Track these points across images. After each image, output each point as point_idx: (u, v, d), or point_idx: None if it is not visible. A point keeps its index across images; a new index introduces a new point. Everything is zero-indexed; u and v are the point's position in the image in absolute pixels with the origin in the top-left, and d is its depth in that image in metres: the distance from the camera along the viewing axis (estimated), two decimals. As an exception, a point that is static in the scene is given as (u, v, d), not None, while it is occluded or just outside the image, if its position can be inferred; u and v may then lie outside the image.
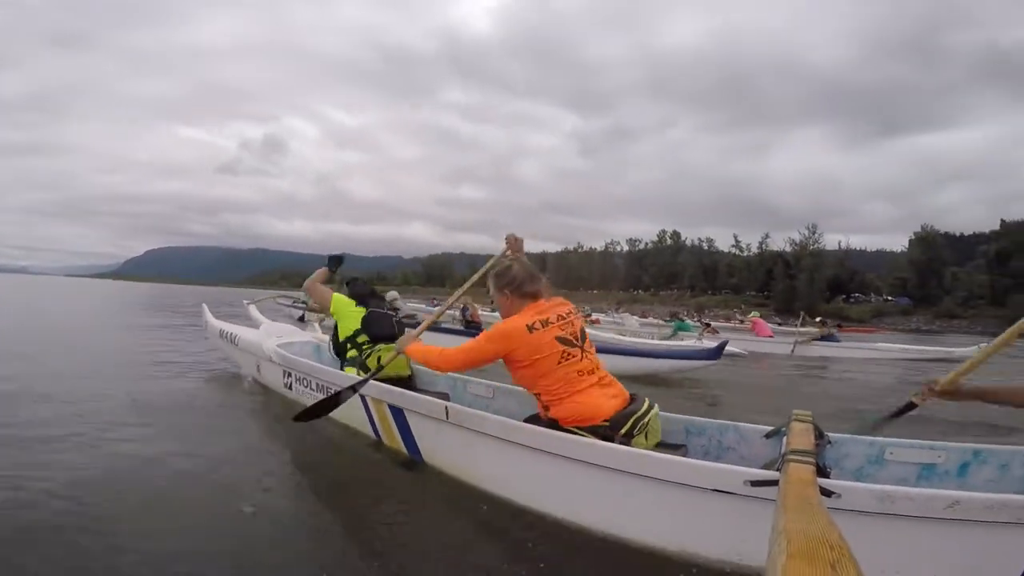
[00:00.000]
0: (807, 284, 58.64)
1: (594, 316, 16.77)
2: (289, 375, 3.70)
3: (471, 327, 9.42)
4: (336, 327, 3.40)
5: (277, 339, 4.17)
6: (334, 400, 2.71)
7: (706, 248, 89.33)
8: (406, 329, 3.21)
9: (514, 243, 2.72)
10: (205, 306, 5.66)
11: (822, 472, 1.61)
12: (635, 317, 16.80)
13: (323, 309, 3.64)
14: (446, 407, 2.43)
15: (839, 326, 13.49)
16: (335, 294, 3.46)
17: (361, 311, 3.35)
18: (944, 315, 48.49)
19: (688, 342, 9.24)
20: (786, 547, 0.84)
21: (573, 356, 2.17)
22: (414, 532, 2.00)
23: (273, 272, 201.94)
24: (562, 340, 2.16)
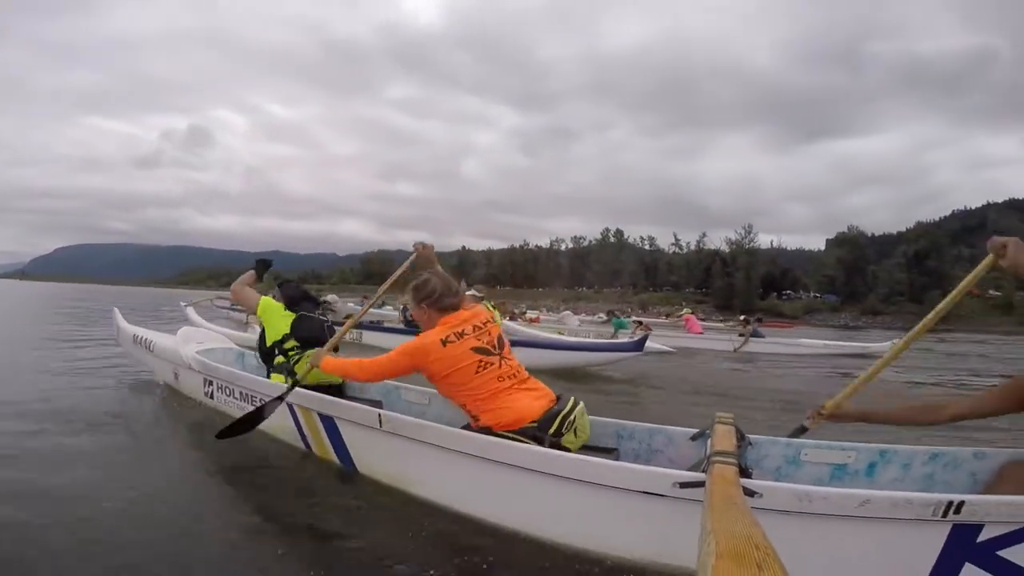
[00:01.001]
0: (744, 281, 61.71)
1: (533, 315, 17.07)
2: (210, 383, 3.49)
3: (412, 326, 9.10)
4: (263, 332, 3.26)
5: (197, 345, 3.95)
6: (259, 413, 2.59)
7: (648, 247, 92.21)
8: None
9: (423, 251, 2.74)
10: (117, 310, 5.23)
11: (744, 473, 1.68)
12: (575, 316, 17.23)
13: (250, 313, 3.52)
14: (379, 415, 2.37)
15: (759, 320, 14.22)
16: (263, 298, 3.32)
17: (290, 316, 3.23)
18: (869, 311, 52.61)
19: (623, 339, 9.62)
20: (715, 548, 0.86)
21: (491, 364, 2.20)
22: (349, 543, 1.94)
23: (199, 271, 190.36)
24: (478, 350, 2.20)
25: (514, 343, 9.26)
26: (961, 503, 1.48)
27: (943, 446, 2.13)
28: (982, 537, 1.50)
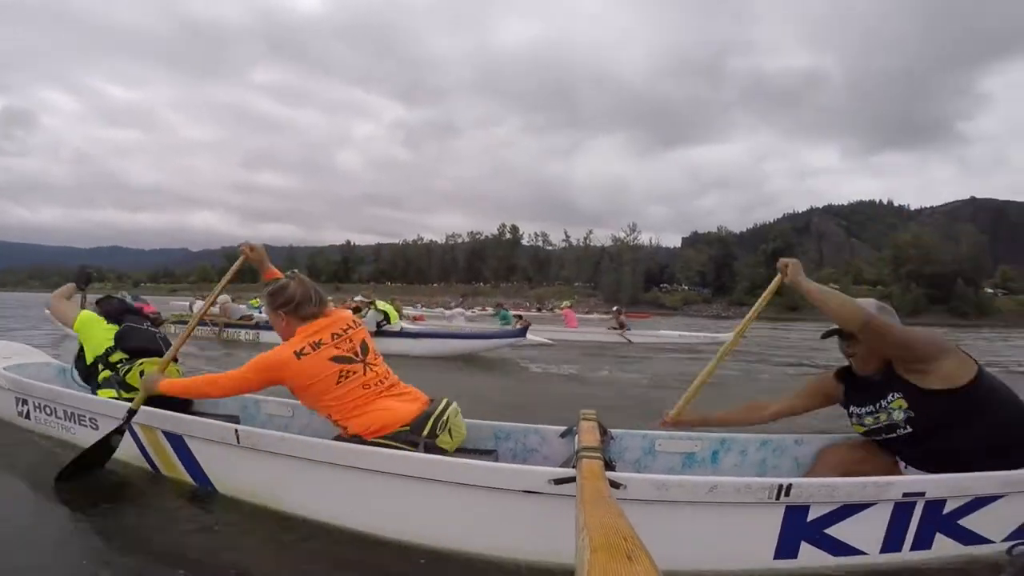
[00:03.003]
0: (630, 276, 66.37)
1: (416, 313, 17.30)
2: (24, 403, 2.98)
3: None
4: (81, 350, 2.90)
5: (4, 360, 3.38)
6: (104, 446, 2.30)
7: (541, 243, 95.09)
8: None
9: (251, 254, 2.60)
10: None
11: (609, 466, 1.74)
12: (465, 311, 17.65)
13: (66, 326, 3.15)
14: (236, 431, 2.15)
15: (619, 310, 15.44)
16: (83, 311, 2.99)
17: (114, 328, 2.89)
18: (736, 303, 59.33)
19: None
20: (588, 542, 0.88)
21: (354, 372, 2.10)
22: (217, 570, 1.76)
23: (18, 270, 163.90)
24: (339, 359, 2.09)
25: (416, 335, 9.26)
26: (790, 486, 1.64)
27: (771, 434, 2.38)
28: (811, 516, 1.68)
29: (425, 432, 2.01)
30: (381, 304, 9.30)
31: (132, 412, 2.35)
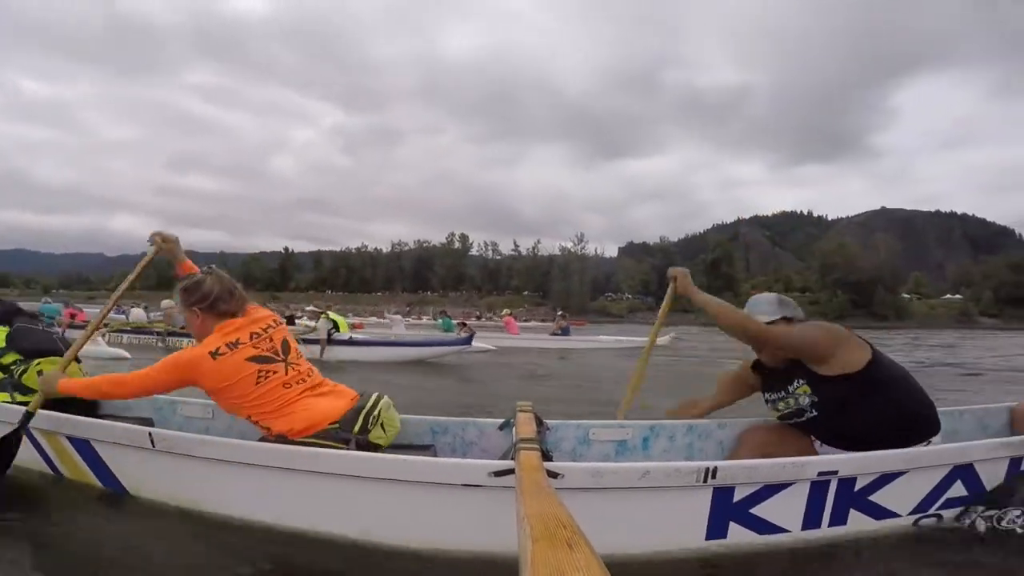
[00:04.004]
0: (578, 285, 67.73)
1: (356, 321, 17.18)
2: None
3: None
4: None
5: None
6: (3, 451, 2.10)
7: (491, 253, 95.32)
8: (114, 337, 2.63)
9: (163, 245, 2.47)
10: None
11: (547, 456, 1.74)
12: (403, 319, 17.80)
13: None
14: (150, 434, 2.03)
15: (562, 316, 15.92)
16: None
17: (4, 329, 2.71)
18: (679, 310, 61.70)
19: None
20: (529, 532, 0.89)
21: (274, 372, 2.02)
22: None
23: None
24: (257, 359, 2.01)
25: (365, 344, 9.45)
26: (716, 468, 1.71)
27: (697, 420, 2.48)
28: (736, 497, 1.76)
29: (356, 428, 1.96)
30: (332, 314, 9.74)
31: (29, 415, 2.16)
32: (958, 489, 1.94)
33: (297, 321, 12.69)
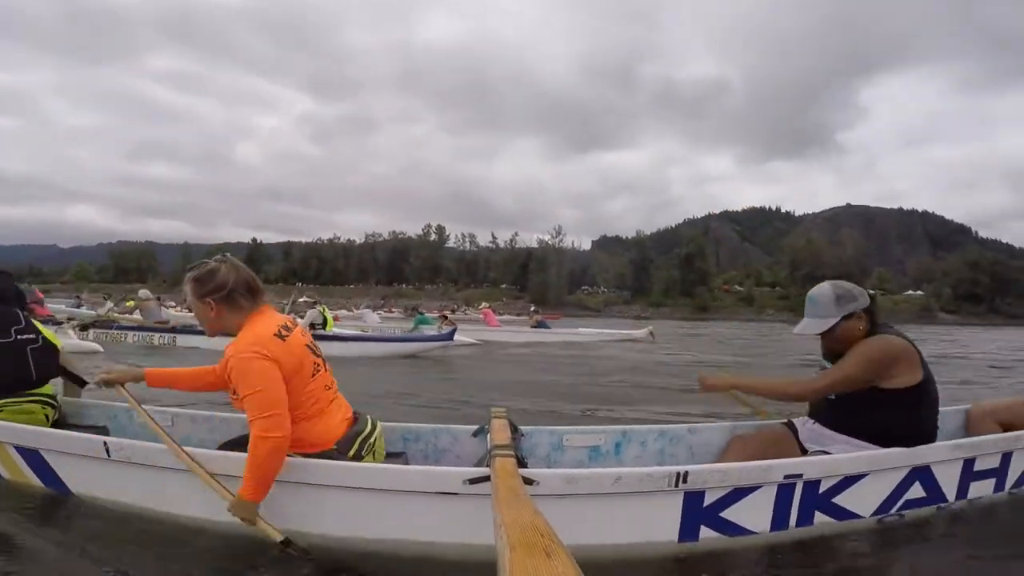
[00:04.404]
0: (556, 278, 68.14)
1: (332, 314, 16.76)
2: None
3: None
4: None
5: None
6: None
7: (468, 245, 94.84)
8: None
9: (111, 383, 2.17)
10: None
11: (522, 463, 1.77)
12: (375, 313, 17.80)
13: None
14: (105, 443, 1.96)
15: (535, 311, 16.11)
16: None
17: None
18: (654, 304, 62.63)
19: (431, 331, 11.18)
20: (507, 540, 0.90)
21: (321, 368, 1.95)
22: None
23: None
24: (310, 348, 1.92)
25: (350, 339, 9.46)
26: (687, 473, 1.74)
27: (667, 425, 2.53)
28: (707, 501, 1.79)
29: (351, 453, 1.90)
30: (323, 308, 9.99)
31: None
32: (917, 491, 2.01)
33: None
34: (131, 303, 12.41)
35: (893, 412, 1.99)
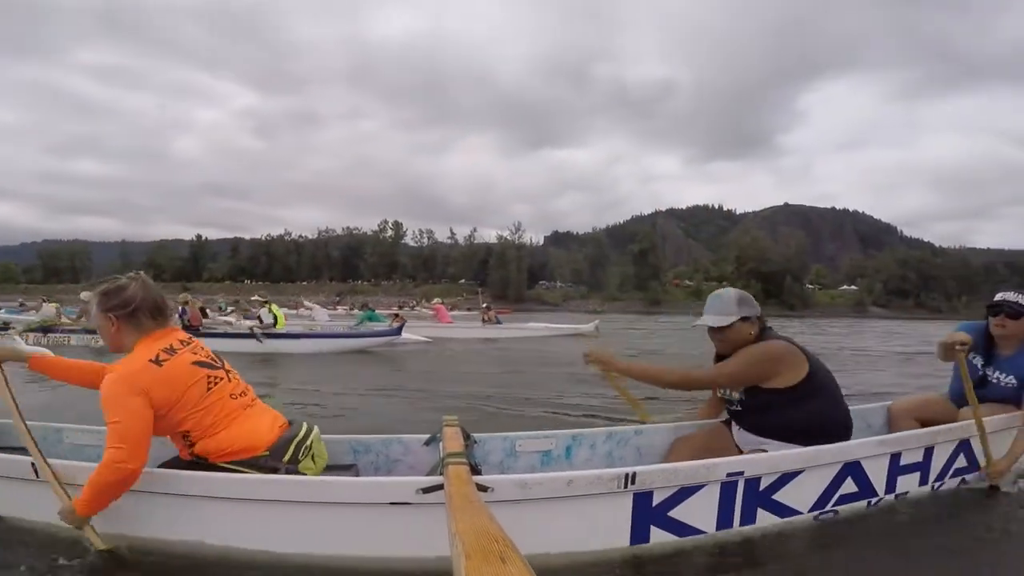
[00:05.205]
0: (516, 273, 68.54)
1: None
2: None
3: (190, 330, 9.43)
4: None
5: None
6: None
7: (426, 240, 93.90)
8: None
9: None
10: None
11: (475, 470, 1.76)
12: (324, 310, 17.68)
13: None
14: (32, 464, 1.84)
15: (487, 307, 16.36)
16: None
17: None
18: (610, 298, 63.88)
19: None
20: (462, 548, 0.90)
21: (220, 379, 1.90)
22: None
23: None
24: (201, 364, 1.87)
25: (299, 336, 9.58)
26: (635, 474, 1.78)
27: (615, 427, 2.58)
28: (655, 501, 1.84)
29: (286, 458, 1.86)
30: (274, 307, 10.11)
31: None
32: (849, 485, 2.12)
33: (211, 314, 12.11)
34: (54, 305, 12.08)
35: (795, 408, 2.13)
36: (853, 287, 78.18)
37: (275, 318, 9.67)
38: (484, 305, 16.71)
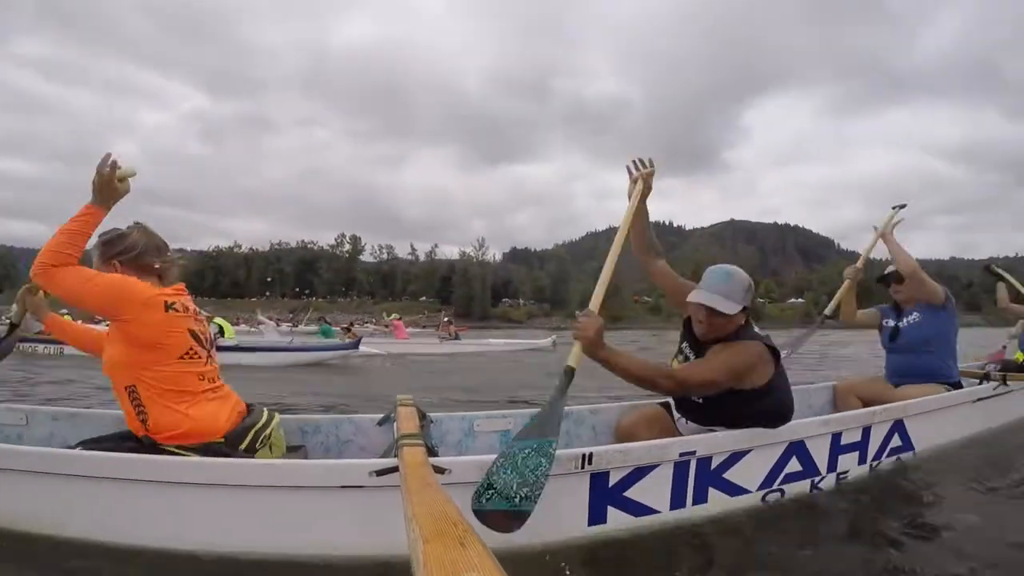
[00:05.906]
0: (481, 291, 68.52)
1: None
2: None
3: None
4: None
5: None
6: None
7: (386, 256, 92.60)
8: None
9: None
10: None
11: (432, 451, 1.72)
12: (273, 324, 17.43)
13: None
14: None
15: (448, 322, 16.43)
16: None
17: None
18: (572, 315, 65.07)
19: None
20: (420, 532, 0.88)
21: (198, 356, 1.82)
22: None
23: None
24: (193, 335, 1.81)
25: (251, 349, 9.39)
26: (592, 454, 1.78)
27: (570, 406, 2.51)
28: (611, 481, 1.84)
29: (243, 445, 1.79)
30: (218, 319, 10.21)
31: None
32: (794, 464, 2.20)
33: None
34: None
35: (751, 404, 2.07)
36: (800, 300, 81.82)
37: (220, 328, 9.48)
38: (446, 319, 16.70)
